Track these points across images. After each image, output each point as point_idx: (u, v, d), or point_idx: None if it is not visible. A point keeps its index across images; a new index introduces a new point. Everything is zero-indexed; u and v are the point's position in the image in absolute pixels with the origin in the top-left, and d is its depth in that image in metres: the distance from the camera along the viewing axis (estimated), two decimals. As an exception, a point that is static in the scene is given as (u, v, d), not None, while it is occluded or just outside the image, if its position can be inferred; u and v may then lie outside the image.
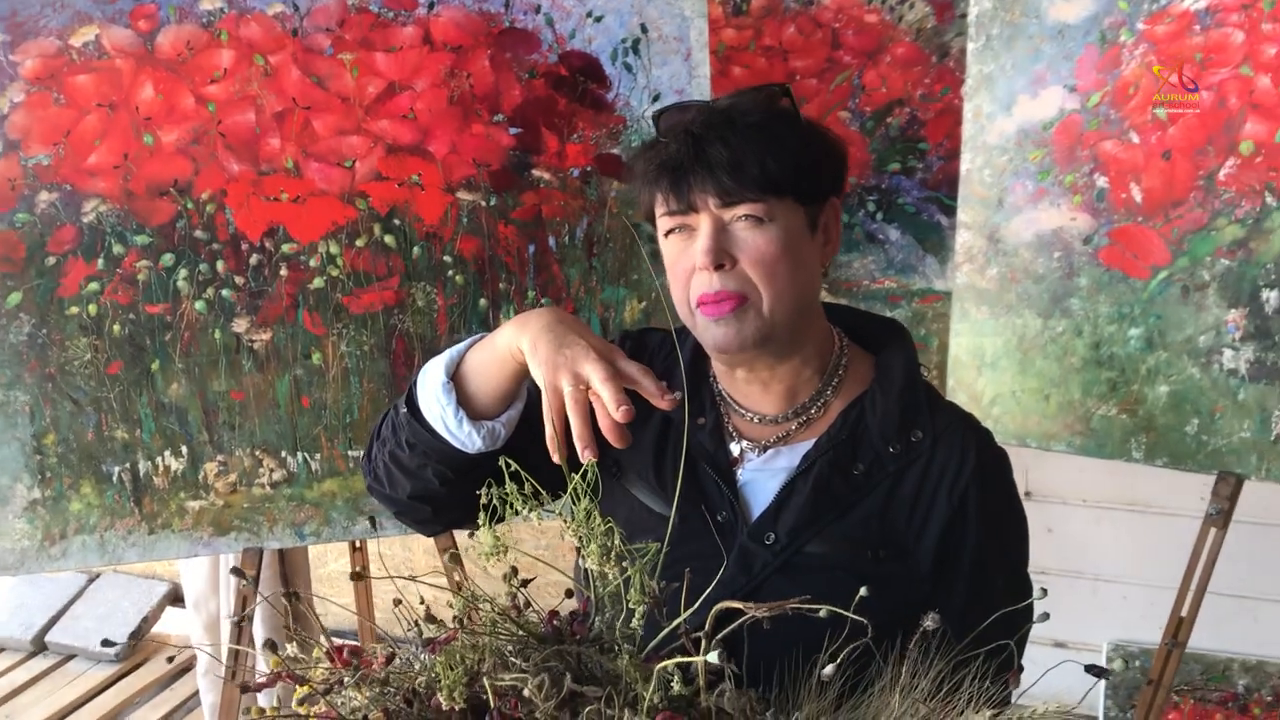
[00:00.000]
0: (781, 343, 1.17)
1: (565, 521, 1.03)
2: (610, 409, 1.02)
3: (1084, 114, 1.68)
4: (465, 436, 1.16)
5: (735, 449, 1.24)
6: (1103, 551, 2.50)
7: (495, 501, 0.99)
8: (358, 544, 2.11)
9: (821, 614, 0.85)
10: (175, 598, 3.38)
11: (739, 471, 1.23)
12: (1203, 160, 1.60)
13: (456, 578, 1.82)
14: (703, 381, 1.28)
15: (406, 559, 3.08)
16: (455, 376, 1.18)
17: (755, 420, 1.24)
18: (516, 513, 0.99)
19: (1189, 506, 2.27)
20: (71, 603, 3.36)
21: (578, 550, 1.09)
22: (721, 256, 1.11)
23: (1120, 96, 1.65)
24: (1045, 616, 1.02)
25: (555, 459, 1.05)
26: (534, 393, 1.20)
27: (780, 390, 1.22)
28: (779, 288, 1.13)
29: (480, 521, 0.97)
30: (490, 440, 1.17)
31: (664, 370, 1.23)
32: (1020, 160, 1.73)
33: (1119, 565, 2.52)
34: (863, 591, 0.87)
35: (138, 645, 3.28)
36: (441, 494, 1.22)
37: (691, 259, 1.13)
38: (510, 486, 0.99)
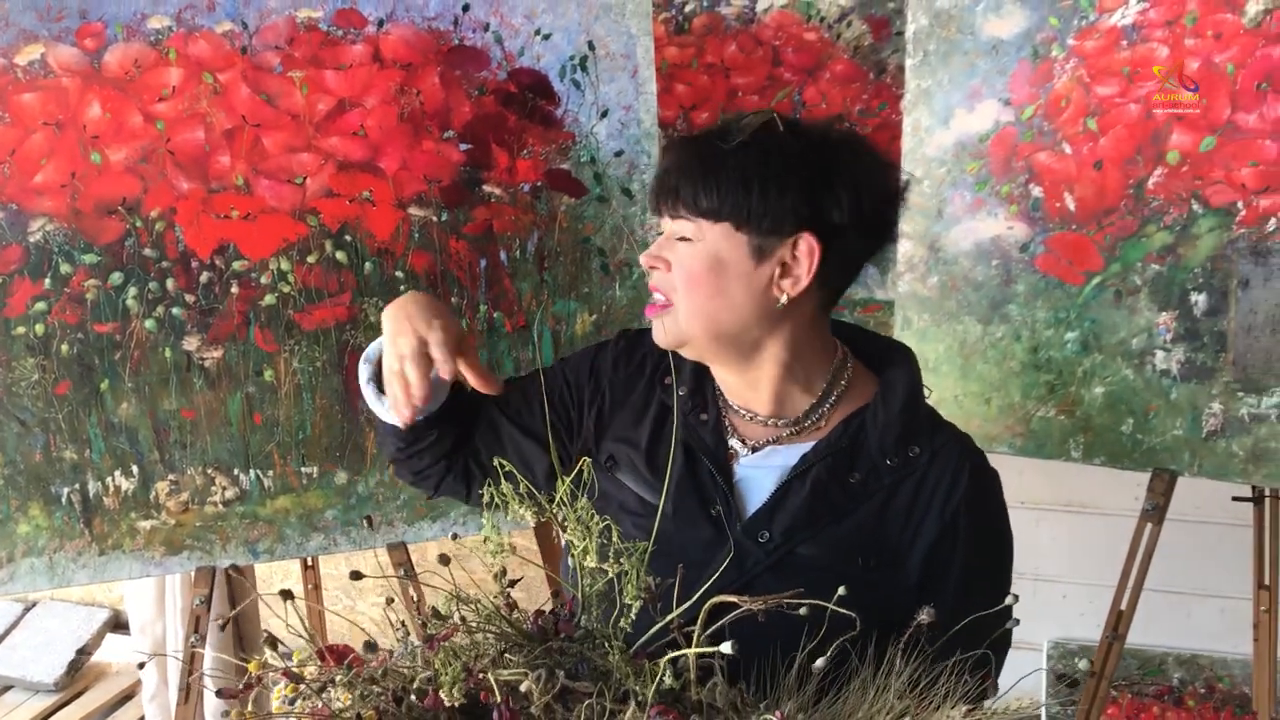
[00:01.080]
0: (710, 352, 1.23)
1: (557, 519, 1.06)
2: (440, 369, 1.24)
3: (1018, 126, 1.74)
4: (385, 413, 1.33)
5: (734, 445, 1.28)
6: (1042, 552, 2.57)
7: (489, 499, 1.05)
8: (309, 561, 2.10)
9: (802, 612, 0.88)
10: (116, 624, 3.32)
11: (735, 466, 1.27)
12: (1132, 170, 1.67)
13: (411, 592, 1.84)
14: (706, 379, 1.32)
15: (330, 589, 3.06)
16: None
17: (749, 418, 1.28)
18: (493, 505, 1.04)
19: (1124, 506, 2.34)
20: (8, 632, 3.28)
21: (566, 549, 1.16)
22: (656, 260, 1.21)
23: (1053, 109, 1.71)
24: (1016, 622, 1.06)
25: (403, 418, 1.28)
26: (516, 401, 1.39)
27: (766, 394, 1.26)
28: (693, 304, 1.19)
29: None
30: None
31: (662, 366, 1.33)
32: (958, 172, 1.79)
33: (1058, 565, 2.59)
34: (840, 591, 0.91)
35: (78, 674, 3.21)
36: (426, 467, 1.40)
37: None
38: (506, 487, 1.05)
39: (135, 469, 1.77)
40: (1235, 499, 1.81)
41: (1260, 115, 1.58)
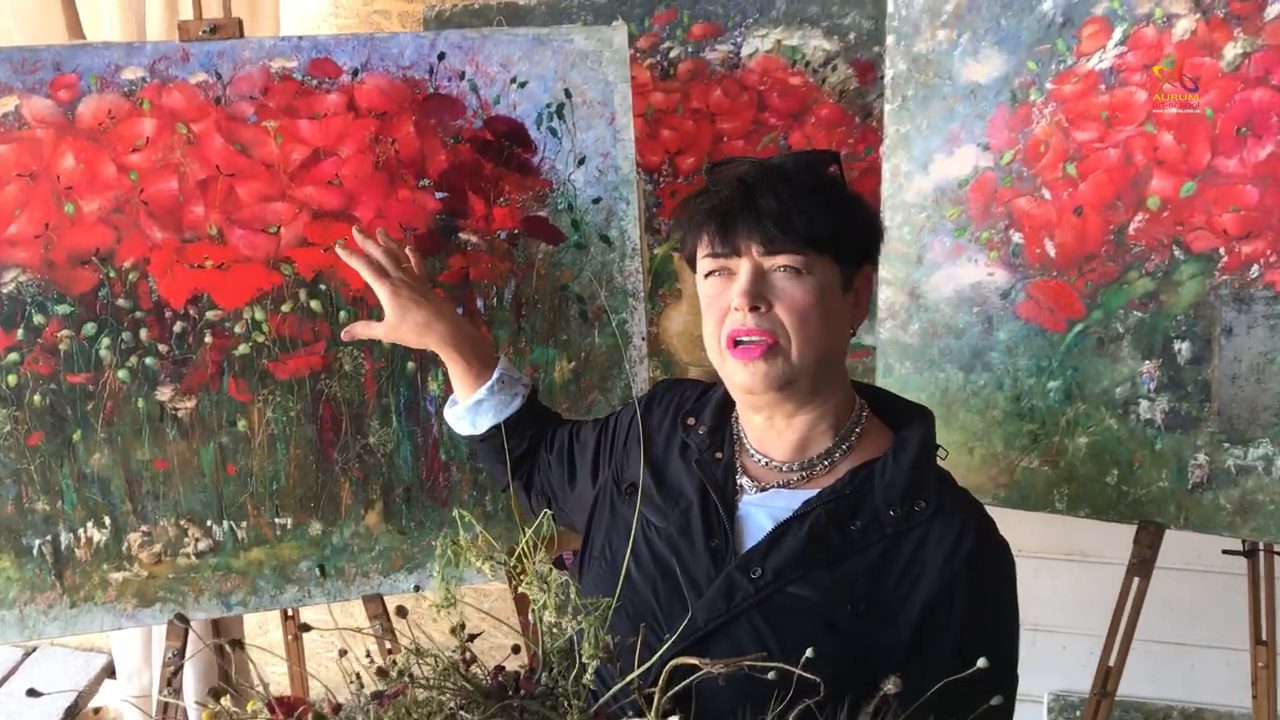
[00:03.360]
0: (803, 390, 1.22)
1: (516, 574, 1.04)
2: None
3: (997, 171, 1.71)
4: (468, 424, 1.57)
5: (741, 483, 1.29)
6: (1042, 602, 2.51)
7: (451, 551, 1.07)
8: (289, 612, 2.07)
9: (770, 676, 0.87)
10: (113, 670, 3.29)
11: (740, 502, 1.28)
12: (1112, 215, 1.64)
13: (387, 644, 1.81)
14: (726, 420, 1.35)
15: (326, 637, 3.03)
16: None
17: (762, 463, 1.29)
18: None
19: (1124, 555, 2.28)
20: (6, 678, 3.27)
21: (528, 606, 1.18)
22: (758, 299, 1.19)
23: (1032, 154, 1.69)
24: (1001, 700, 1.00)
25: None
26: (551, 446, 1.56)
27: (792, 440, 1.27)
28: (808, 336, 1.19)
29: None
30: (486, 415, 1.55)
31: (685, 408, 1.39)
32: (938, 217, 1.76)
33: (1058, 615, 2.53)
34: (809, 653, 0.88)
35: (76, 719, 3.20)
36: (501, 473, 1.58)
37: (728, 299, 1.21)
38: (463, 537, 1.06)
39: (107, 520, 1.75)
40: (1226, 552, 1.76)
41: (1240, 160, 1.54)
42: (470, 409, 1.55)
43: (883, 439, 1.28)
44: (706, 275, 1.25)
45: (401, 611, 1.09)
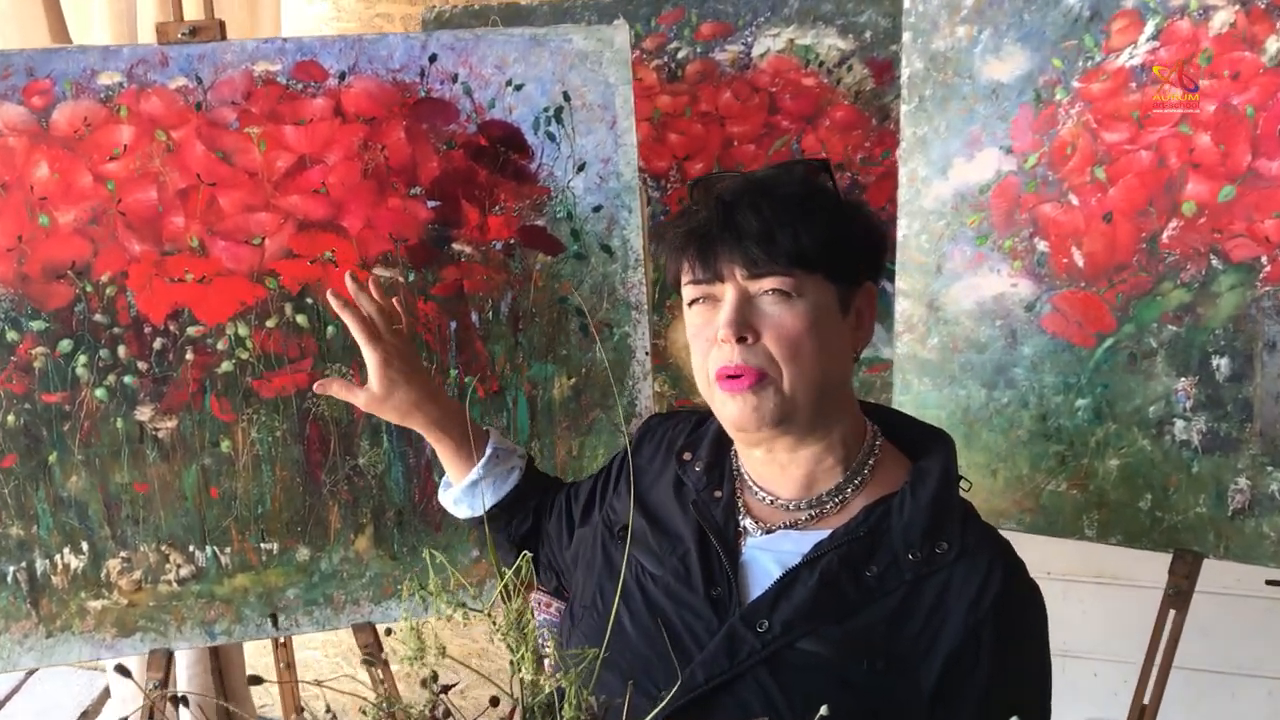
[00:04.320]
0: (802, 424, 1.11)
1: (493, 623, 0.96)
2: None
3: (1021, 176, 1.61)
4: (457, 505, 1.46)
5: (745, 524, 1.18)
6: (1071, 627, 2.40)
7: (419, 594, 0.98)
8: (282, 640, 1.99)
9: None
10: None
11: (743, 546, 1.16)
12: (1144, 222, 1.53)
13: (380, 676, 1.73)
14: (724, 455, 1.24)
15: (331, 656, 2.96)
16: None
17: (766, 501, 1.18)
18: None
19: (1158, 578, 2.16)
20: (8, 698, 3.22)
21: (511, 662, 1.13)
22: (744, 329, 1.07)
23: (1058, 157, 1.58)
24: None
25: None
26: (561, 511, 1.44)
27: (798, 476, 1.16)
28: (801, 366, 1.07)
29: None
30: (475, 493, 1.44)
31: (680, 441, 1.29)
32: (958, 225, 1.66)
33: (1088, 641, 2.41)
34: (823, 711, 0.79)
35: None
36: (504, 554, 1.48)
37: (714, 330, 1.09)
38: (434, 581, 0.96)
39: (85, 546, 1.68)
40: (1269, 583, 1.64)
41: (1284, 162, 1.43)
42: (466, 491, 1.44)
43: (899, 470, 1.17)
44: (690, 304, 1.14)
45: (367, 662, 0.99)
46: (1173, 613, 1.57)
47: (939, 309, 1.69)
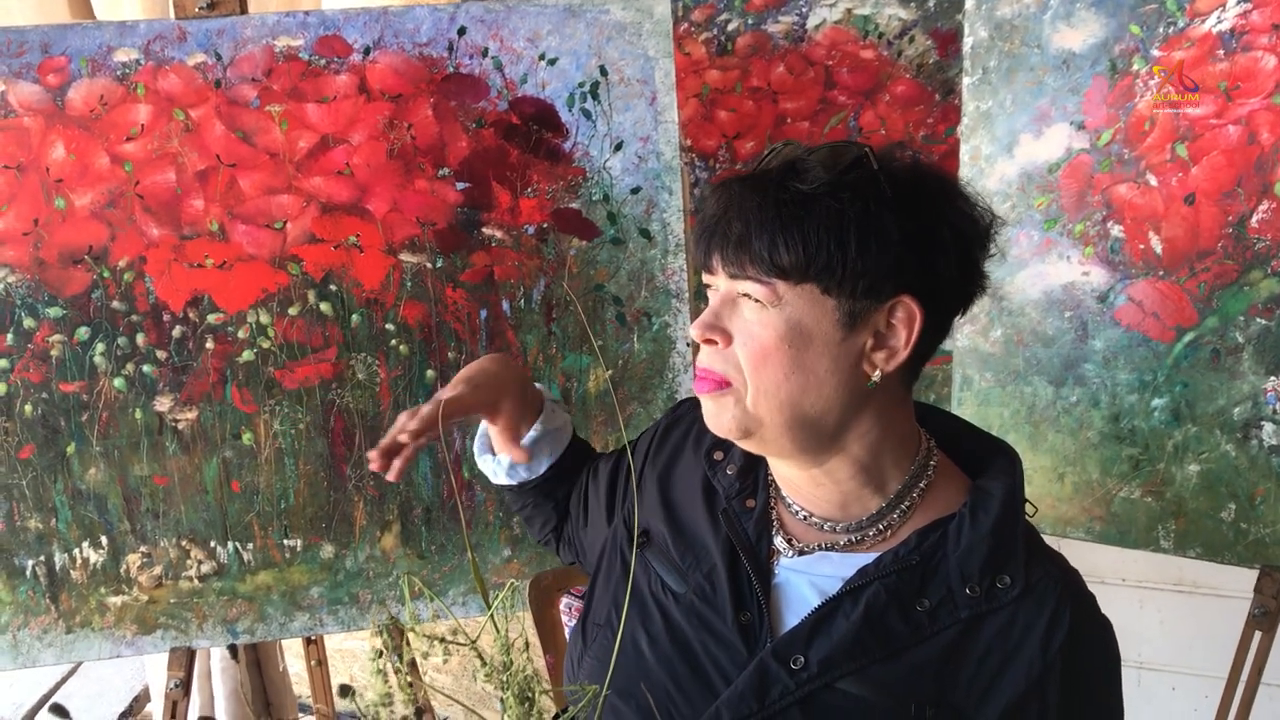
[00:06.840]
0: (783, 446, 0.99)
1: (481, 661, 0.86)
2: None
3: (1094, 154, 1.48)
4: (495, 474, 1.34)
5: (778, 542, 1.06)
6: (1147, 638, 2.25)
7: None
8: (313, 636, 1.93)
9: None
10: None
11: (776, 566, 1.05)
12: (1231, 204, 1.40)
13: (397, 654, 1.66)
14: (760, 459, 1.10)
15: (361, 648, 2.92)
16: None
17: (801, 517, 1.06)
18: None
19: (1243, 587, 2.02)
20: (64, 681, 3.23)
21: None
22: (713, 331, 0.98)
23: (1134, 134, 1.45)
24: None
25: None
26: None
27: (835, 494, 1.03)
28: (765, 383, 0.95)
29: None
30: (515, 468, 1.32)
31: (701, 439, 1.16)
32: (1024, 207, 1.53)
33: (1166, 653, 2.26)
34: None
35: (133, 721, 3.15)
36: (539, 532, 1.41)
37: None
38: (408, 610, 0.90)
39: (104, 540, 1.63)
40: (1368, 601, 1.49)
41: (1392, 137, 1.29)
42: (531, 443, 1.30)
43: (957, 488, 1.04)
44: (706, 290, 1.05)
45: (344, 691, 0.91)
46: (1258, 635, 1.43)
47: (1003, 299, 1.57)
